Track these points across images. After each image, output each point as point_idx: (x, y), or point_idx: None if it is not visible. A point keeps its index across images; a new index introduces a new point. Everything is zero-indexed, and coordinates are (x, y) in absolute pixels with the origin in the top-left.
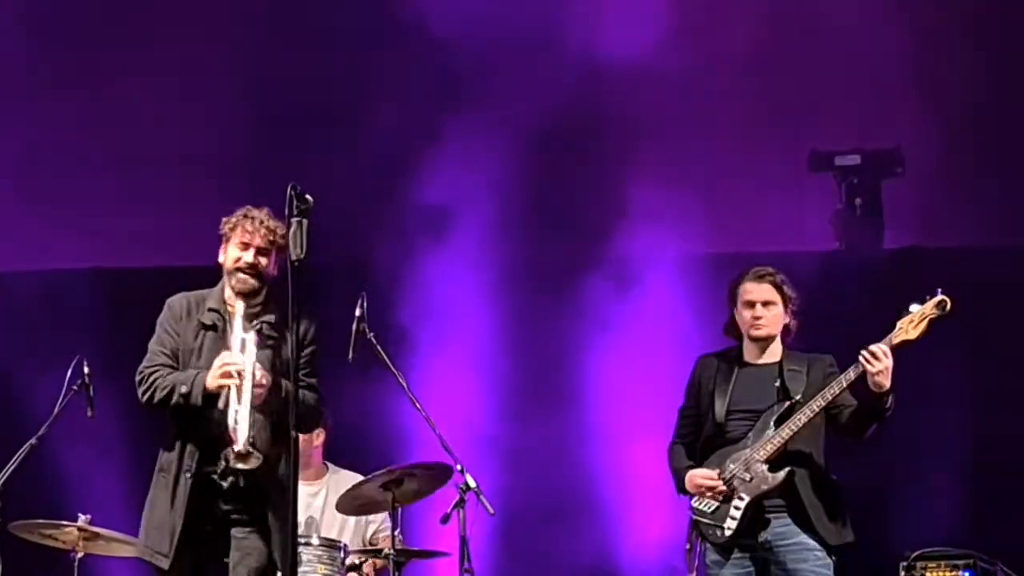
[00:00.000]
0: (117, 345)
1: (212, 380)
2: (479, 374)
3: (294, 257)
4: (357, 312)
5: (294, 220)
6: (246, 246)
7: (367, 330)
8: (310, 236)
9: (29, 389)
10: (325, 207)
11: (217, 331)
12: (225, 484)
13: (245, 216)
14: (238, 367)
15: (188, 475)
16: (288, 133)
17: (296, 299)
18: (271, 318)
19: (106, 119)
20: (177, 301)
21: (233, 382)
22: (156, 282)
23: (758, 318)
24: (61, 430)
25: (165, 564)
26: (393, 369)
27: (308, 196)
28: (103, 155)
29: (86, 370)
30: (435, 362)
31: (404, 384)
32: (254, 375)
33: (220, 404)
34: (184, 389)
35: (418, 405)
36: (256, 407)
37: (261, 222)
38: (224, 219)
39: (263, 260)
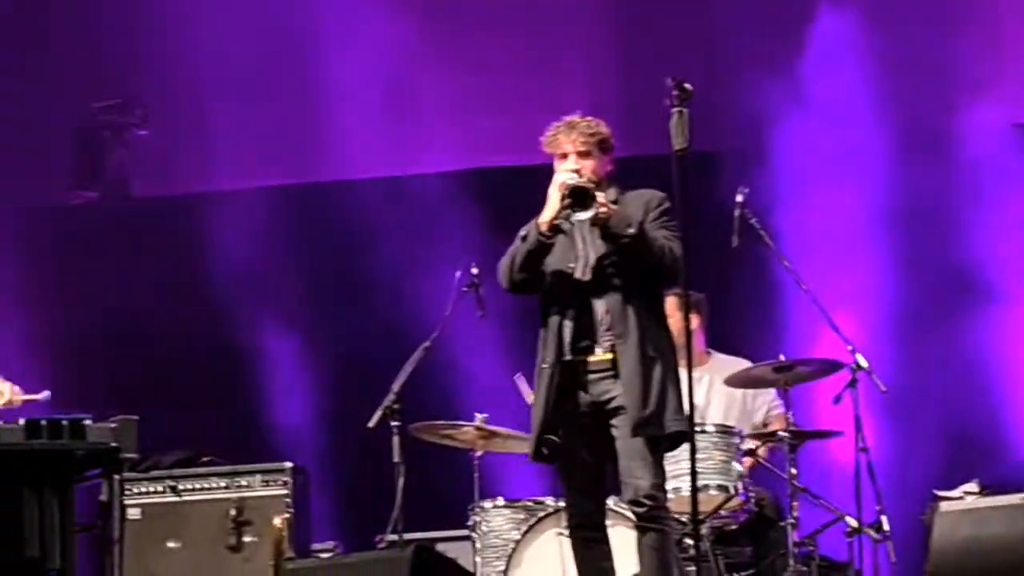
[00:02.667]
0: (504, 245)
1: (548, 208)
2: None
3: (676, 147)
4: (739, 198)
5: (674, 111)
6: (565, 156)
7: (749, 215)
8: (691, 126)
9: (422, 292)
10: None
11: (567, 236)
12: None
13: (557, 128)
14: (565, 177)
15: (545, 366)
16: None
17: (682, 188)
18: (612, 196)
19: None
20: None
21: (562, 189)
22: (538, 180)
23: None
24: (454, 332)
25: (530, 451)
26: (778, 253)
27: (687, 86)
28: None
29: (474, 271)
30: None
31: (788, 265)
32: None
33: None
34: (522, 232)
35: (804, 286)
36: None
37: (572, 127)
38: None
39: (585, 163)
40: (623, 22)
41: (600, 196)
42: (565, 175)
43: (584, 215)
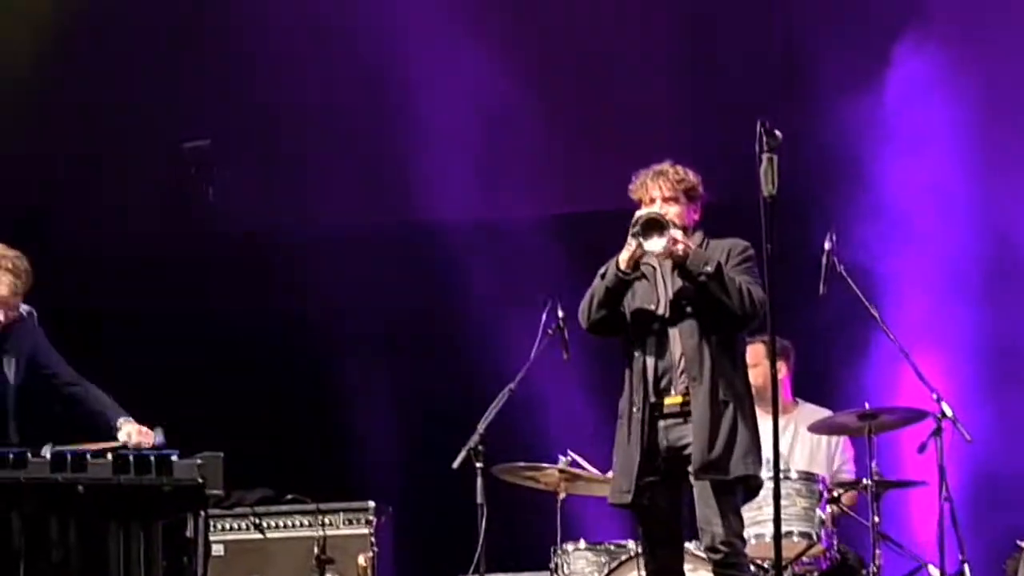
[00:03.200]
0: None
1: (626, 249)
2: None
3: (765, 193)
4: (827, 245)
5: (764, 156)
6: (652, 202)
7: (837, 263)
8: (779, 172)
9: (509, 334)
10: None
11: (648, 280)
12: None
13: (645, 176)
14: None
15: (635, 410)
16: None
17: (770, 235)
18: (697, 240)
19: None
20: None
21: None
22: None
23: None
24: (538, 373)
25: (628, 499)
26: (865, 300)
27: (777, 132)
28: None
29: (560, 314)
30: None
31: (875, 313)
32: (673, 229)
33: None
34: (601, 271)
35: (891, 334)
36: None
37: (659, 174)
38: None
39: (671, 208)
40: (712, 68)
41: (678, 233)
42: (644, 211)
43: (655, 244)
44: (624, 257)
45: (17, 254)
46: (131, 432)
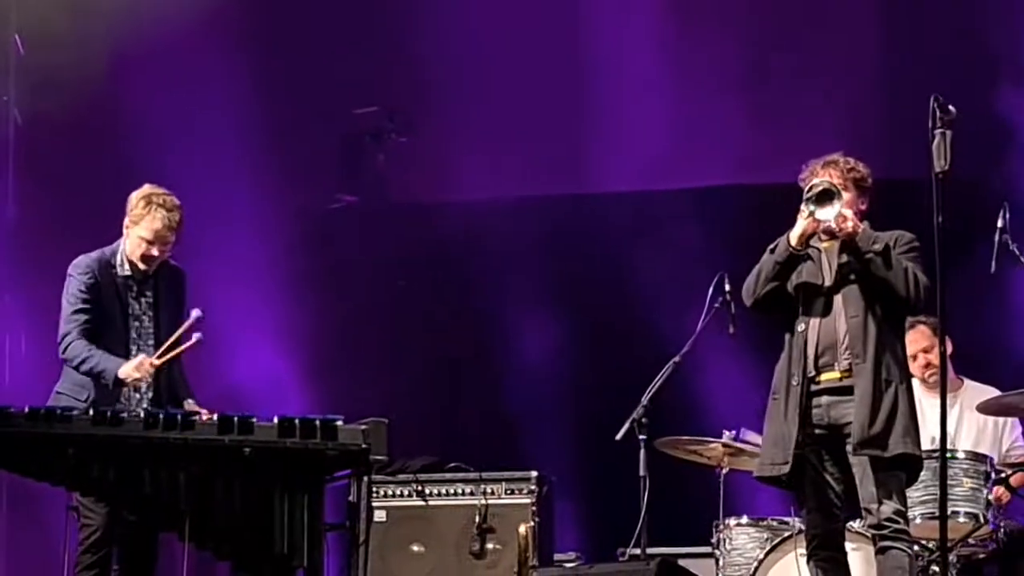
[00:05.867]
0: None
1: (797, 227)
2: None
3: (937, 169)
4: (999, 223)
5: (937, 132)
6: None
7: (1010, 241)
8: (953, 148)
9: (677, 306)
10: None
11: (814, 261)
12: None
13: (816, 165)
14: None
15: (795, 383)
16: None
17: (941, 213)
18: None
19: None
20: None
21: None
22: (795, 198)
23: None
24: (705, 346)
25: (784, 471)
26: None
27: (951, 108)
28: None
29: (727, 287)
30: None
31: None
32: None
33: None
34: (771, 247)
35: None
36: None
37: (830, 163)
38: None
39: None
40: (892, 42)
41: (847, 212)
42: (818, 180)
43: (827, 213)
44: (796, 232)
45: (167, 192)
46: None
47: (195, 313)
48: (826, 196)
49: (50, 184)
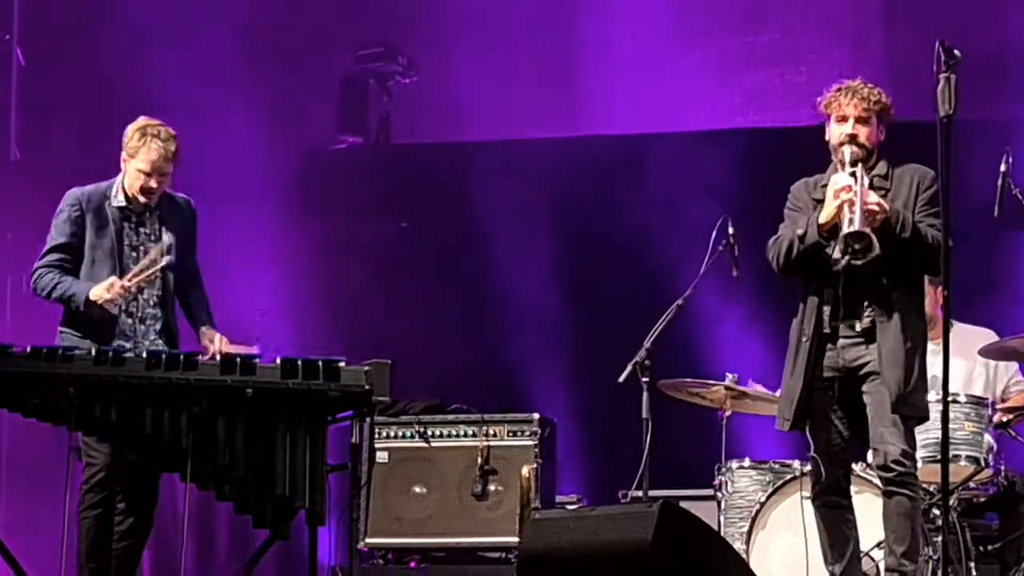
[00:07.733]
0: (760, 205)
1: (825, 210)
2: None
3: (942, 113)
4: (1002, 167)
5: (942, 76)
6: (843, 119)
7: (1012, 186)
8: (957, 92)
9: (678, 249)
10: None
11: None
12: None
13: (839, 90)
14: (844, 183)
15: (804, 339)
16: None
17: (946, 156)
18: (882, 170)
19: None
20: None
21: (845, 197)
22: (798, 140)
23: None
24: (707, 289)
25: (786, 427)
26: None
27: (956, 51)
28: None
29: (731, 230)
30: None
31: None
32: (866, 195)
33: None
34: (799, 231)
35: None
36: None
37: (854, 92)
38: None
39: (863, 129)
40: None
41: (873, 202)
42: (844, 178)
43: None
44: (823, 221)
45: (162, 123)
46: (212, 338)
47: (166, 238)
48: (859, 240)
49: (52, 123)
